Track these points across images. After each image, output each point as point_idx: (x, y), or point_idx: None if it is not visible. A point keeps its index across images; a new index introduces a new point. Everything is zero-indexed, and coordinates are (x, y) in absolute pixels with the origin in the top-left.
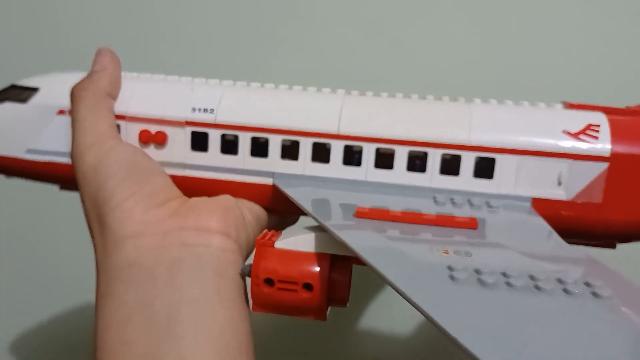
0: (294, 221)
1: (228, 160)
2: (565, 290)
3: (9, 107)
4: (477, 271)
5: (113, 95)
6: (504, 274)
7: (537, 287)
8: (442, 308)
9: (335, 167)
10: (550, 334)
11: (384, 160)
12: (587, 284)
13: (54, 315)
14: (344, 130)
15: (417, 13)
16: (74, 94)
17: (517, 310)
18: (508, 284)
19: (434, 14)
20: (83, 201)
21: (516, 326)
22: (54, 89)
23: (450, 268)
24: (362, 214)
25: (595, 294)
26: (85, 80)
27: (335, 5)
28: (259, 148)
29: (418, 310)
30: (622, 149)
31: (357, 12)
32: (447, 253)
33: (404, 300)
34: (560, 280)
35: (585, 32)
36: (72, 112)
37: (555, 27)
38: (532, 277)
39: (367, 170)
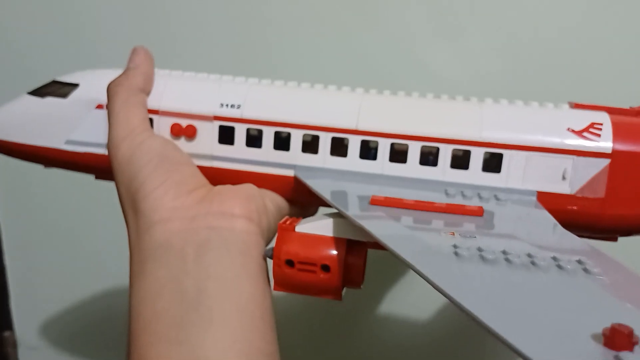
0: (313, 212)
1: (253, 152)
2: (559, 266)
3: (51, 101)
4: (479, 249)
5: (146, 91)
6: (504, 252)
7: (533, 263)
8: (447, 278)
9: (353, 160)
10: (540, 300)
11: (399, 155)
12: (579, 262)
13: (86, 296)
14: (362, 126)
15: (431, 23)
16: (110, 90)
17: (513, 280)
18: (507, 260)
19: (447, 23)
20: (118, 189)
21: (511, 292)
22: (93, 84)
23: (455, 246)
24: (377, 202)
25: (585, 270)
26: (121, 77)
27: (356, 12)
28: (282, 142)
29: (426, 280)
30: (623, 146)
31: (378, 23)
32: (454, 235)
33: (422, 288)
34: (555, 258)
35: (593, 37)
36: (108, 107)
37: (565, 32)
38: (529, 255)
39: (383, 164)
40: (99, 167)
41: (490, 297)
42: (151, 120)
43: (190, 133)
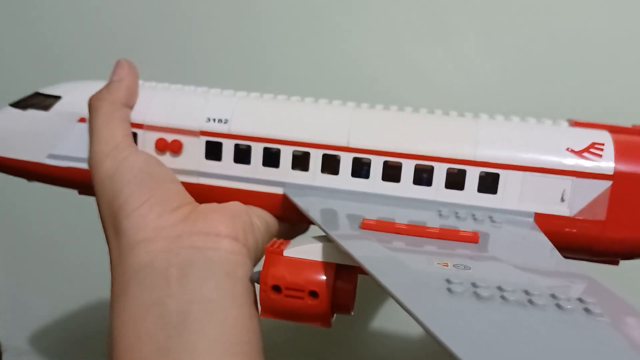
0: (304, 230)
1: (241, 169)
2: (558, 305)
3: (32, 114)
4: (474, 284)
5: (129, 105)
6: (500, 288)
7: (531, 302)
8: (438, 319)
9: (344, 178)
10: (538, 346)
11: (392, 173)
12: (580, 300)
13: (68, 312)
14: (354, 143)
15: (431, 33)
16: (91, 104)
17: (509, 323)
18: (502, 297)
19: (447, 34)
20: (99, 207)
21: (506, 337)
22: (76, 97)
23: (448, 281)
24: (367, 226)
25: (587, 310)
26: (103, 90)
27: (351, 19)
28: (271, 158)
29: (415, 320)
30: (626, 167)
31: (374, 31)
32: (447, 266)
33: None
34: (554, 296)
35: (593, 53)
36: (90, 122)
37: (563, 46)
38: (526, 292)
39: (375, 182)
40: (82, 182)
41: (482, 342)
42: (135, 134)
43: (175, 148)
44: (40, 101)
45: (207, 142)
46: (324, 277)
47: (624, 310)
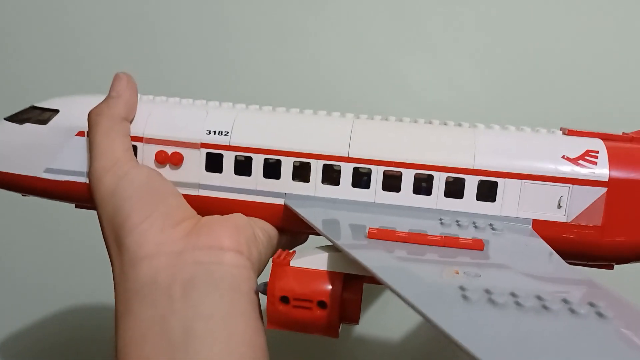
0: (303, 240)
1: (241, 181)
2: (571, 310)
3: (29, 128)
4: (487, 291)
5: (129, 119)
6: (513, 294)
7: (545, 307)
8: (460, 327)
9: (345, 189)
10: (559, 351)
11: (392, 183)
12: (591, 304)
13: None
14: (354, 153)
15: (419, 45)
16: (90, 119)
17: (528, 329)
18: (517, 303)
19: (434, 46)
20: (101, 223)
21: (527, 343)
22: (73, 111)
23: (462, 288)
24: (373, 235)
25: (599, 314)
26: (102, 105)
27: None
28: (272, 169)
29: (435, 327)
30: (620, 174)
31: (362, 44)
32: (458, 273)
33: (396, 308)
34: (565, 301)
35: (583, 62)
36: (90, 137)
37: (554, 56)
38: (539, 297)
39: (376, 192)
40: (80, 196)
41: (504, 346)
42: (135, 147)
43: (176, 161)
44: (37, 115)
45: (208, 154)
46: (332, 287)
47: (632, 313)
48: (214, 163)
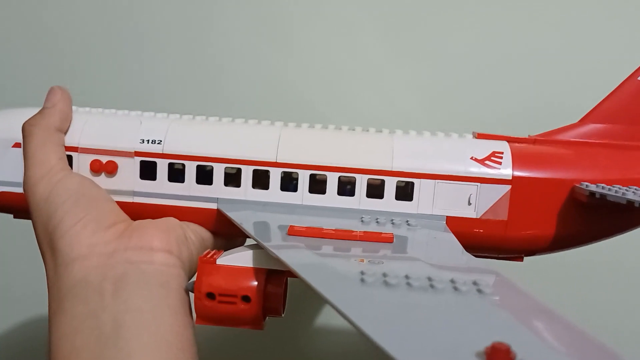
0: (241, 244)
1: (175, 187)
2: (455, 288)
3: None
4: (384, 274)
5: (63, 130)
6: (406, 277)
7: (432, 286)
8: (351, 304)
9: (274, 192)
10: (431, 321)
11: (318, 185)
12: (475, 283)
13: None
14: (282, 158)
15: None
16: (25, 130)
17: (411, 304)
18: (408, 284)
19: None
20: (35, 229)
21: (409, 316)
22: (8, 123)
23: (362, 272)
24: (295, 232)
25: (479, 291)
26: (36, 116)
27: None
28: (204, 176)
29: (331, 305)
30: (522, 172)
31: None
32: (363, 261)
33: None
34: (452, 281)
35: (498, 73)
36: (24, 147)
37: (472, 64)
38: (429, 279)
39: (303, 195)
40: (17, 206)
41: (384, 319)
42: (70, 157)
43: (110, 169)
44: None
45: (142, 162)
46: (255, 282)
47: (513, 291)
48: (147, 171)
